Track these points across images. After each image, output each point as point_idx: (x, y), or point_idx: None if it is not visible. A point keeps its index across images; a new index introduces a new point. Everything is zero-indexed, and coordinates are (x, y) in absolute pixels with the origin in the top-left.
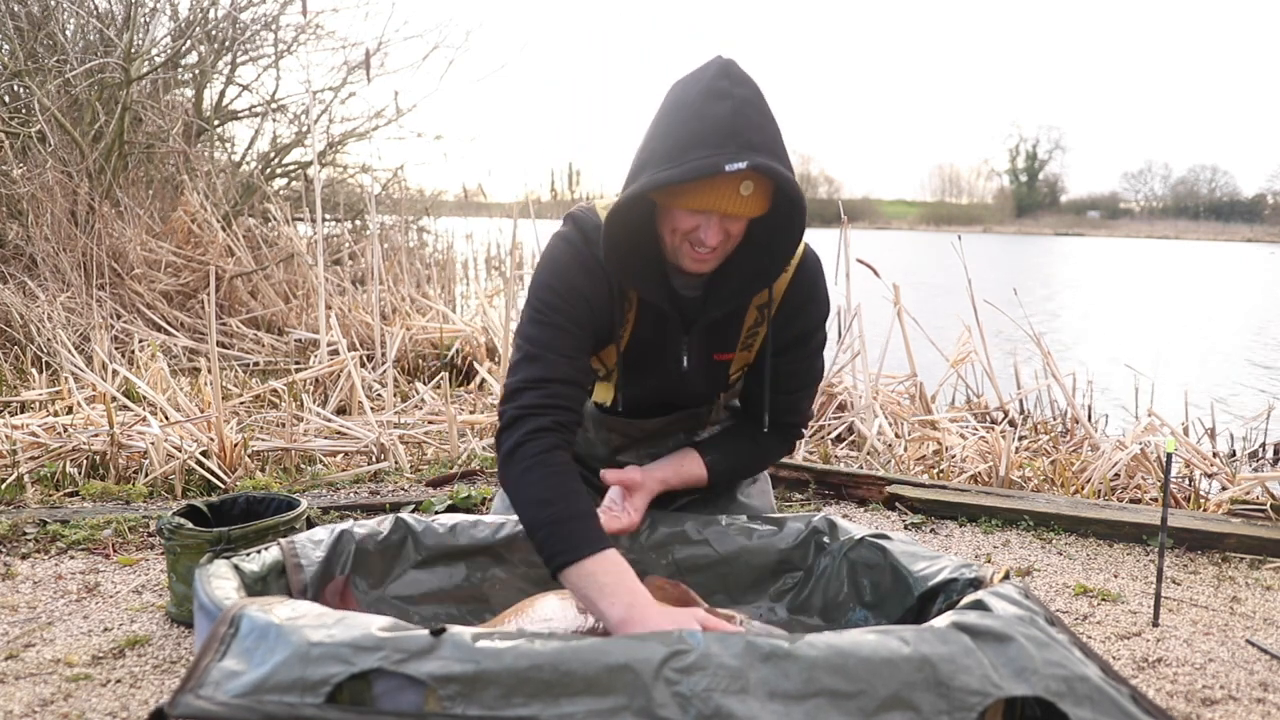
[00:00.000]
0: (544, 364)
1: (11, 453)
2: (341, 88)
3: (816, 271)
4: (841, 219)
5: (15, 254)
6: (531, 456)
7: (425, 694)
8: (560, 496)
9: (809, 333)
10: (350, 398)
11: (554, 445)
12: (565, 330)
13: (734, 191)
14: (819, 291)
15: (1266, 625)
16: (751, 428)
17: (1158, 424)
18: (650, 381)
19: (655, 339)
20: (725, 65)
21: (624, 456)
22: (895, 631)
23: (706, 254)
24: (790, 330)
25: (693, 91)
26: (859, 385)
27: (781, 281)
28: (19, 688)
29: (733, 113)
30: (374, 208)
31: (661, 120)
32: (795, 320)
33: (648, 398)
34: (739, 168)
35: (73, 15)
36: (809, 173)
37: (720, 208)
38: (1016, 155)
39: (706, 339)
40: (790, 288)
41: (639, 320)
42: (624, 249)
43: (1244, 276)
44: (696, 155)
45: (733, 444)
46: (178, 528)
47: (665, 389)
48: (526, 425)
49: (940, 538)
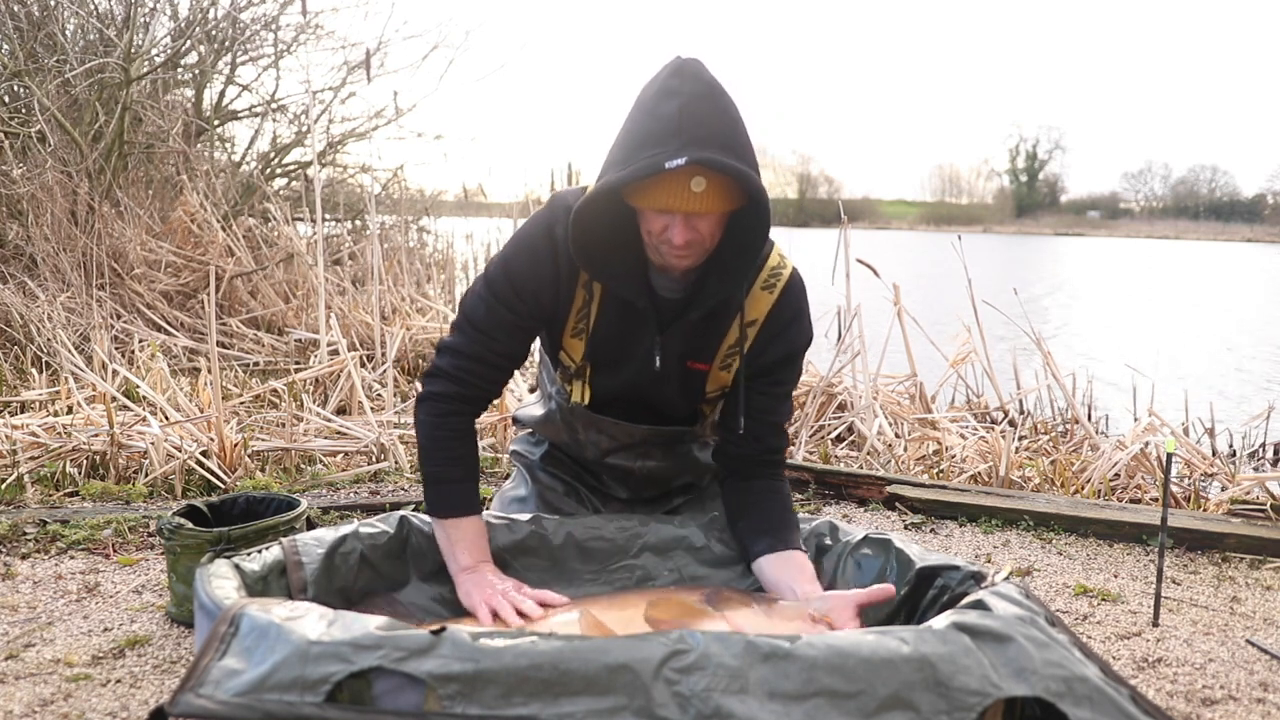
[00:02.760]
0: (468, 339)
1: (11, 453)
2: (341, 88)
3: (800, 294)
4: (841, 219)
5: (15, 254)
6: (433, 414)
7: (425, 693)
8: (444, 460)
9: (792, 356)
10: (350, 398)
11: (451, 411)
12: (499, 315)
13: (684, 189)
14: (803, 317)
15: (1266, 625)
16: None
17: (1158, 424)
18: (622, 377)
19: (625, 333)
20: (680, 64)
21: (615, 458)
22: (895, 632)
23: (682, 252)
24: (774, 352)
25: (648, 93)
26: (859, 385)
27: (766, 300)
28: (19, 688)
29: (679, 110)
30: (374, 208)
31: (623, 123)
32: (779, 343)
33: (623, 395)
34: (678, 164)
35: (73, 15)
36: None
37: (674, 206)
38: (1016, 155)
39: (682, 343)
40: (775, 307)
41: (602, 313)
42: (603, 248)
43: (1244, 276)
44: (644, 154)
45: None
46: (178, 528)
47: (640, 388)
48: (435, 385)
49: (940, 538)
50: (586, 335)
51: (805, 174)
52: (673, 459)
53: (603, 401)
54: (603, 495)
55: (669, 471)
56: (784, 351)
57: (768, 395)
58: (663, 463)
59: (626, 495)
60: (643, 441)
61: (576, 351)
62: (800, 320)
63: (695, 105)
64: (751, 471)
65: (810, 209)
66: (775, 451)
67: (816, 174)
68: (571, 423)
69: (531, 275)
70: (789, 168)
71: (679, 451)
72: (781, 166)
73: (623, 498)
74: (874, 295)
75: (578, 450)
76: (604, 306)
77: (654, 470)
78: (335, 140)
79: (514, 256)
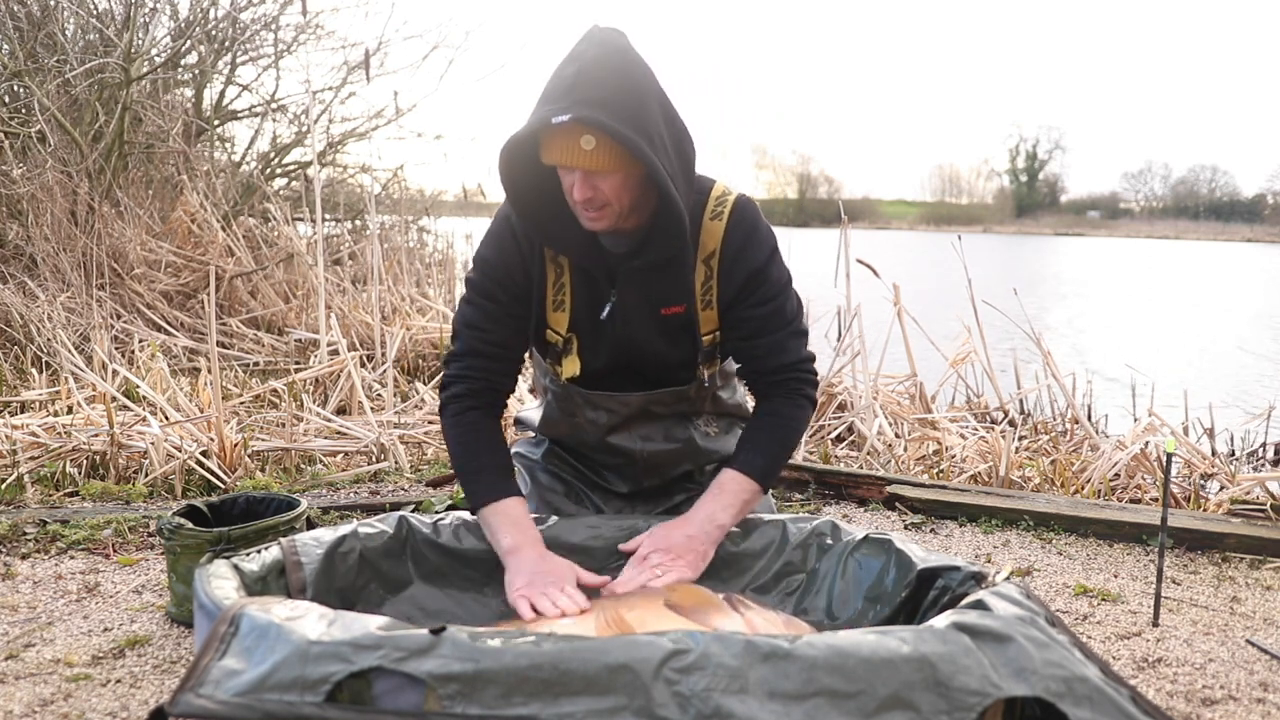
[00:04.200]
0: (463, 340)
1: (11, 453)
2: (341, 88)
3: (750, 213)
4: (842, 219)
5: (15, 254)
6: (451, 416)
7: (425, 693)
8: (465, 454)
9: (758, 270)
10: (350, 398)
11: (468, 408)
12: (484, 308)
13: (574, 145)
14: (757, 232)
15: (1266, 625)
16: (757, 410)
17: (1158, 424)
18: (604, 345)
19: (591, 296)
20: (592, 31)
21: (616, 437)
22: (895, 631)
23: (590, 213)
24: (738, 273)
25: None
26: (859, 385)
27: (717, 229)
28: (19, 688)
29: (576, 71)
30: (374, 208)
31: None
32: (740, 262)
33: (614, 362)
34: (563, 120)
35: (73, 15)
36: (809, 173)
37: (565, 161)
38: (1016, 155)
39: (644, 292)
40: (727, 234)
41: (575, 286)
42: (542, 215)
43: (1244, 276)
44: (540, 110)
45: (751, 435)
46: (178, 528)
47: (621, 350)
48: (450, 390)
49: (940, 538)
50: (567, 307)
51: (805, 174)
52: (673, 441)
53: (594, 375)
54: (604, 492)
55: (670, 457)
56: (751, 266)
57: (757, 317)
58: (664, 444)
59: (627, 489)
60: (641, 413)
61: (561, 324)
62: (755, 234)
63: (593, 69)
64: (769, 390)
65: (810, 209)
66: (789, 368)
67: (816, 174)
68: (569, 407)
69: (499, 261)
70: (789, 168)
71: (680, 434)
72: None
73: (623, 492)
74: (874, 295)
75: (579, 436)
76: (575, 280)
77: (655, 454)
78: (335, 140)
79: (482, 250)
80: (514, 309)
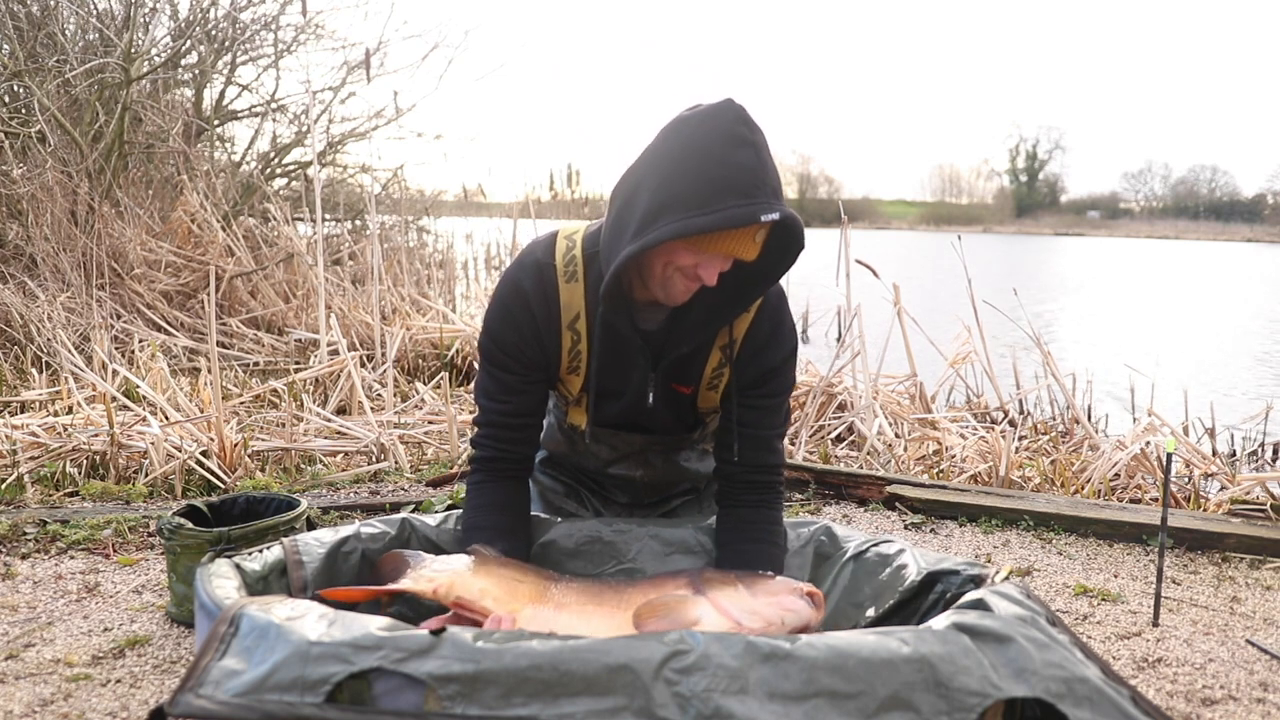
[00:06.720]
0: (483, 411)
1: (11, 453)
2: (341, 88)
3: (780, 308)
4: (841, 219)
5: (15, 254)
6: (471, 477)
7: (425, 693)
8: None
9: (772, 370)
10: (350, 398)
11: (485, 479)
12: (499, 379)
13: (752, 238)
14: (781, 329)
15: (1266, 625)
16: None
17: (1158, 424)
18: (616, 408)
19: (619, 367)
20: (741, 112)
21: (617, 468)
22: (895, 632)
23: (695, 288)
24: (752, 370)
25: (713, 136)
26: (859, 385)
27: (744, 320)
28: (19, 688)
29: (758, 161)
30: (374, 208)
31: (680, 163)
32: (757, 360)
33: (618, 422)
34: (773, 218)
35: (73, 15)
36: (809, 173)
37: (739, 253)
38: (1016, 155)
39: (668, 371)
40: (753, 326)
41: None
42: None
43: (1244, 276)
44: (731, 203)
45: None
46: (178, 528)
47: (632, 415)
48: (475, 451)
49: (940, 538)
50: (581, 372)
51: (805, 174)
52: (672, 468)
53: (600, 425)
54: (603, 498)
55: (669, 479)
56: (767, 365)
57: (757, 408)
58: (663, 471)
59: (627, 500)
60: (642, 450)
61: (574, 386)
62: (779, 331)
63: (766, 157)
64: (741, 496)
65: (810, 209)
66: (768, 469)
67: (816, 174)
68: (571, 437)
69: (512, 334)
70: (789, 168)
71: (678, 461)
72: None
73: (623, 502)
74: (874, 295)
75: (578, 461)
76: (595, 344)
77: (655, 478)
78: (335, 140)
79: (491, 322)
80: (530, 376)
